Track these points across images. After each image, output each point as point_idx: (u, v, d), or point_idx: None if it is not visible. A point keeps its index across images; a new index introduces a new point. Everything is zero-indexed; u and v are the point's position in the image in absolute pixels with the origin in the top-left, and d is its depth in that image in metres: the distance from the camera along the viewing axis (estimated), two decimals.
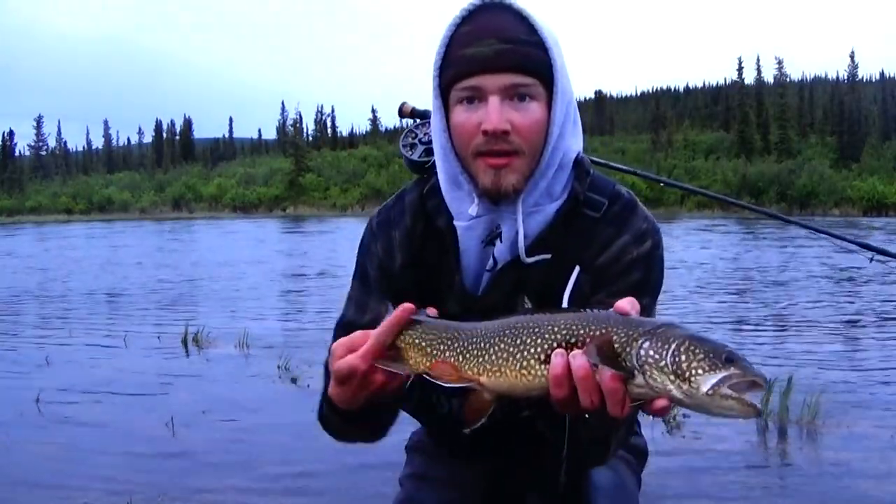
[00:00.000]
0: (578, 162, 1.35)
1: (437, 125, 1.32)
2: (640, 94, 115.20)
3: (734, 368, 0.95)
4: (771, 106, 72.47)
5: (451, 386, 1.08)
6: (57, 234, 32.62)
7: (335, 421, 1.30)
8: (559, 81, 1.27)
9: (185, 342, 6.74)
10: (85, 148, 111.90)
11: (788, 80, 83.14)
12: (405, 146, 1.73)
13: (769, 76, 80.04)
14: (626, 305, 1.04)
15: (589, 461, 1.32)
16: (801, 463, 3.71)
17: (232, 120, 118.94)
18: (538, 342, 1.04)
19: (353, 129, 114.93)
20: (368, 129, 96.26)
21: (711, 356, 0.95)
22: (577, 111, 1.35)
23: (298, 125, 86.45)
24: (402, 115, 2.08)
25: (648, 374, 0.96)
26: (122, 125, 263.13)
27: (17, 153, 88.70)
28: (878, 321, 7.99)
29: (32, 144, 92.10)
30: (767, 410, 4.33)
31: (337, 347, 1.16)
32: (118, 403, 4.85)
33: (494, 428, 1.39)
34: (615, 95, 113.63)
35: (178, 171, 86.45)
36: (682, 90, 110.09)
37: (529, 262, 1.29)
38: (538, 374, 1.04)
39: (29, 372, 5.80)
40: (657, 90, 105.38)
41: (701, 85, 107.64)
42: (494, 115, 1.22)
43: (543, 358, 1.03)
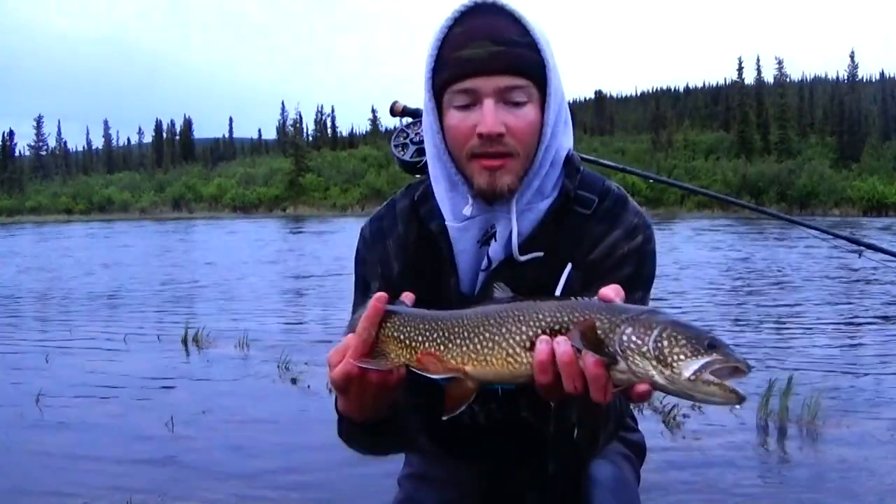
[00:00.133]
0: (568, 159, 1.36)
1: (430, 126, 1.32)
2: (640, 94, 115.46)
3: (716, 354, 0.95)
4: (771, 106, 72.44)
5: (436, 377, 1.07)
6: (57, 234, 32.61)
7: (358, 435, 1.27)
8: (552, 82, 1.27)
9: (185, 342, 6.74)
10: (85, 148, 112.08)
11: (788, 80, 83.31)
12: (396, 146, 1.73)
13: (769, 76, 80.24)
14: (609, 293, 1.04)
15: (576, 452, 1.30)
16: (801, 463, 3.71)
17: (232, 120, 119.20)
18: (523, 329, 1.04)
19: (353, 129, 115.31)
20: (368, 129, 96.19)
21: (694, 342, 0.95)
22: (567, 110, 1.36)
23: (298, 125, 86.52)
24: (393, 113, 2.08)
25: (631, 359, 0.97)
26: (122, 125, 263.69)
27: (17, 153, 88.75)
28: (878, 321, 7.99)
29: (32, 144, 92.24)
30: (768, 410, 4.33)
31: (332, 356, 1.13)
32: (118, 403, 4.85)
33: (493, 428, 1.40)
34: (615, 95, 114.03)
35: (178, 171, 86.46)
36: (682, 90, 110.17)
37: (522, 260, 1.30)
38: (524, 361, 1.04)
39: (29, 372, 5.80)
40: (657, 90, 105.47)
41: (701, 85, 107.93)
42: (490, 118, 1.22)
43: (528, 345, 1.03)
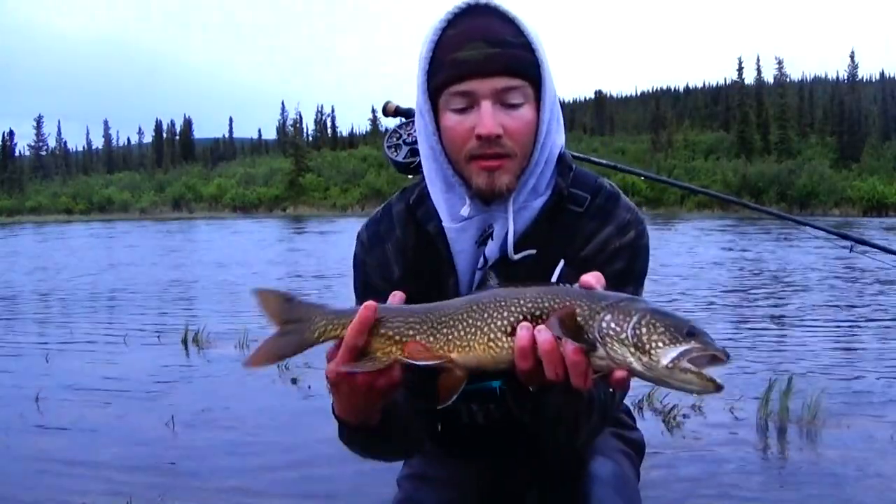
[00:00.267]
0: (561, 157, 1.37)
1: (425, 128, 1.32)
2: (640, 94, 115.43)
3: (695, 342, 0.95)
4: (771, 106, 72.42)
5: (424, 364, 1.07)
6: (57, 234, 32.60)
7: (356, 439, 1.27)
8: (546, 81, 1.28)
9: (185, 342, 6.74)
10: (85, 148, 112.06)
11: (788, 80, 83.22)
12: (390, 147, 1.73)
13: (769, 76, 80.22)
14: (590, 279, 1.04)
15: (559, 440, 1.30)
16: (801, 463, 3.71)
17: (232, 120, 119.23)
18: (504, 315, 1.05)
19: (353, 129, 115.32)
20: (368, 129, 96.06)
21: (672, 330, 0.96)
22: (559, 108, 1.37)
23: (298, 125, 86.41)
24: (386, 113, 2.07)
25: (609, 346, 0.97)
26: (122, 125, 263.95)
27: (17, 153, 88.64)
28: (878, 321, 7.98)
29: (32, 144, 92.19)
30: (767, 410, 4.33)
31: (330, 353, 1.14)
32: (118, 403, 4.85)
33: (492, 427, 1.40)
34: (615, 95, 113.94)
35: (178, 171, 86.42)
36: (682, 90, 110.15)
37: (516, 258, 1.30)
38: (505, 346, 1.04)
39: (29, 372, 5.79)
40: (657, 90, 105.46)
41: (701, 85, 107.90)
42: (488, 120, 1.23)
43: (509, 330, 1.04)
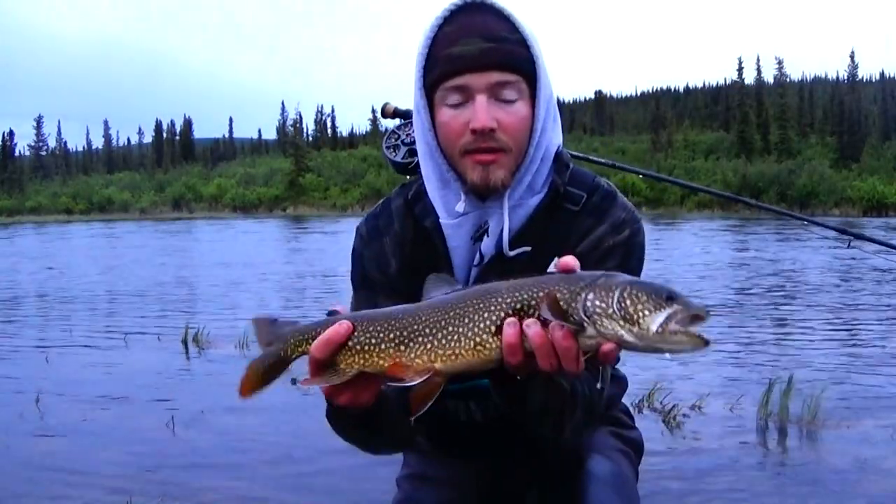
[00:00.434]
0: (558, 156, 1.38)
1: (422, 124, 1.33)
2: (640, 94, 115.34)
3: (677, 305, 0.98)
4: (771, 106, 72.42)
5: (412, 384, 1.04)
6: (57, 234, 32.60)
7: (335, 421, 1.27)
8: (542, 78, 1.29)
9: (185, 342, 6.74)
10: (85, 148, 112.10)
11: (788, 80, 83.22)
12: (388, 147, 1.73)
13: (769, 76, 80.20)
14: (569, 261, 1.04)
15: (545, 433, 1.29)
16: (801, 463, 3.71)
17: (232, 120, 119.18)
18: (485, 316, 1.04)
19: (353, 129, 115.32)
20: (368, 129, 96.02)
21: (654, 296, 0.99)
22: (556, 107, 1.38)
23: (298, 125, 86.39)
24: (384, 115, 2.08)
25: (598, 323, 0.99)
26: (122, 125, 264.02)
27: (17, 153, 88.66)
28: (878, 321, 7.98)
29: (32, 144, 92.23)
30: (767, 410, 4.33)
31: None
32: (118, 403, 4.85)
33: (490, 425, 1.40)
34: (615, 95, 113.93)
35: (178, 171, 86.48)
36: (682, 90, 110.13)
37: (511, 255, 1.31)
38: (493, 346, 1.04)
39: (29, 372, 5.80)
40: (657, 90, 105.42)
41: (701, 85, 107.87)
42: (482, 113, 1.24)
43: (494, 330, 1.03)
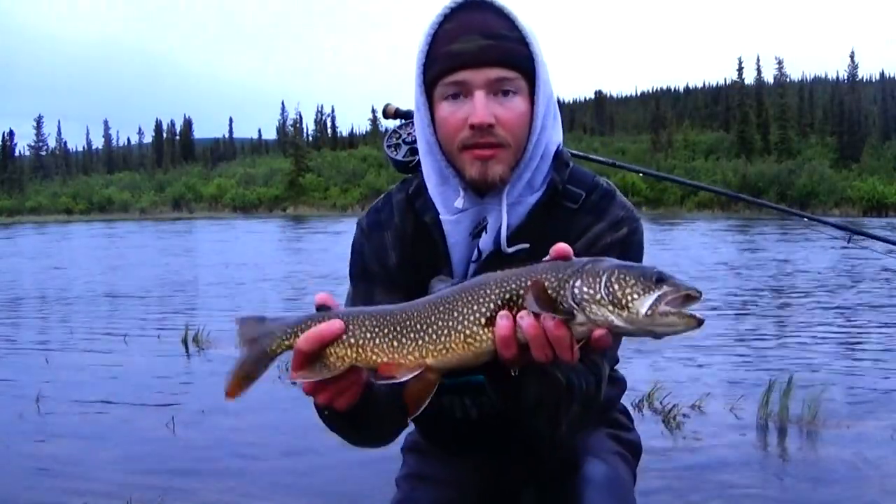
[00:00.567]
0: (558, 154, 1.38)
1: (421, 121, 1.33)
2: (640, 94, 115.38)
3: (666, 286, 0.97)
4: (771, 106, 72.45)
5: (403, 380, 1.04)
6: (57, 234, 32.61)
7: (319, 412, 1.26)
8: (541, 75, 1.30)
9: (185, 342, 6.73)
10: (85, 148, 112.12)
11: (788, 80, 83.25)
12: (389, 146, 1.74)
13: (769, 76, 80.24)
14: (563, 248, 1.04)
15: (541, 429, 1.28)
16: (801, 463, 3.71)
17: (232, 120, 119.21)
18: (475, 308, 1.03)
19: (353, 129, 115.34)
20: (368, 129, 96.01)
21: (643, 279, 0.98)
22: (556, 105, 1.38)
23: (298, 125, 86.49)
24: (386, 115, 2.09)
25: (588, 309, 0.98)
26: (122, 125, 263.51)
27: (17, 153, 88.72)
28: (878, 321, 7.99)
29: (32, 144, 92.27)
30: (767, 410, 4.33)
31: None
32: (118, 403, 4.85)
33: (486, 422, 1.40)
34: (615, 95, 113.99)
35: (178, 171, 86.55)
36: (682, 90, 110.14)
37: (510, 252, 1.31)
38: (484, 338, 1.03)
39: (29, 372, 5.80)
40: (657, 90, 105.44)
41: (701, 85, 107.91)
42: (480, 109, 1.24)
43: (484, 322, 1.03)
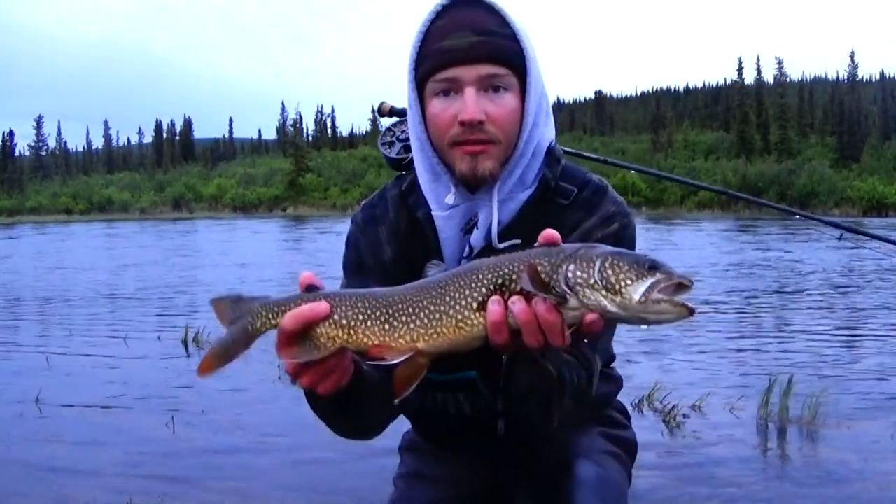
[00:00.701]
0: (550, 151, 1.38)
1: (413, 118, 1.34)
2: (640, 94, 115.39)
3: (659, 274, 0.98)
4: (771, 106, 72.44)
5: (394, 362, 1.04)
6: (57, 234, 32.60)
7: (314, 405, 1.26)
8: (532, 72, 1.30)
9: (185, 342, 6.72)
10: (85, 148, 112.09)
11: (788, 80, 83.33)
12: (383, 144, 1.76)
13: (769, 76, 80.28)
14: (552, 233, 1.04)
15: (533, 420, 1.28)
16: (801, 463, 3.71)
17: (232, 120, 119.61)
18: (467, 292, 1.03)
19: (353, 129, 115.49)
20: (368, 129, 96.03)
21: (636, 266, 0.98)
22: (548, 102, 1.39)
23: (298, 125, 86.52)
24: (381, 114, 2.11)
25: (581, 294, 0.98)
26: (122, 125, 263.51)
27: (17, 153, 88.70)
28: (878, 321, 7.98)
29: (32, 144, 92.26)
30: (767, 410, 4.33)
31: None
32: (118, 403, 4.85)
33: (479, 418, 1.40)
34: (615, 95, 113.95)
35: (178, 171, 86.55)
36: (682, 90, 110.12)
37: (500, 247, 1.31)
38: (475, 323, 1.03)
39: (29, 372, 5.79)
40: (657, 90, 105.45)
41: (701, 85, 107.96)
42: (471, 105, 1.25)
43: (476, 306, 1.03)
